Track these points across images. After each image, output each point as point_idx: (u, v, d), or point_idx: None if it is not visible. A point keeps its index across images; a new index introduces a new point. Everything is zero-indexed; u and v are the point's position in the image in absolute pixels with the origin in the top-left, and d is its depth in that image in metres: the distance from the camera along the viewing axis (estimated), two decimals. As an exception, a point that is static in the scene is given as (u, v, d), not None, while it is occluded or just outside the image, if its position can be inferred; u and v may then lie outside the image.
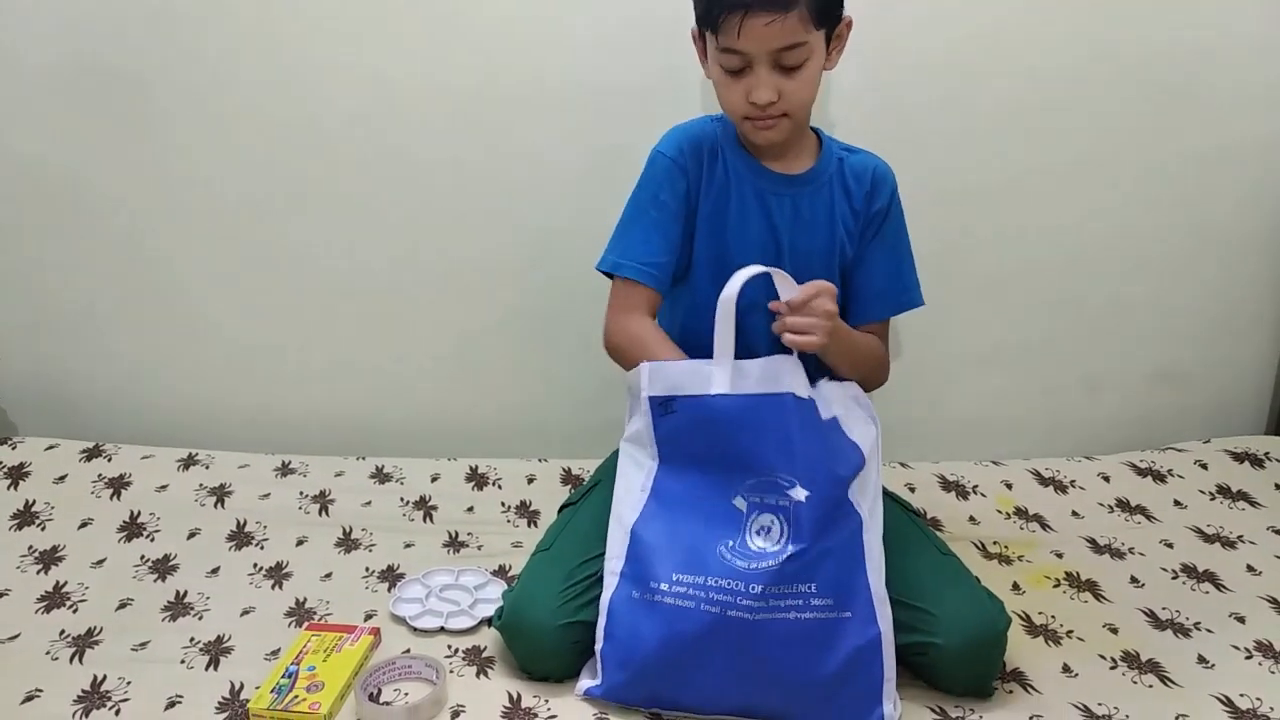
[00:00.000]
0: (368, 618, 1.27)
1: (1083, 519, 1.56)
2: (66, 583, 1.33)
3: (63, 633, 1.23)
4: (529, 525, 1.51)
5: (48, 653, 1.19)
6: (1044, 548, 1.47)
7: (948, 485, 1.64)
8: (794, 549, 1.04)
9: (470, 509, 1.55)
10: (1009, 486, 1.64)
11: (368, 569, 1.39)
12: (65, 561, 1.38)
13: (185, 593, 1.32)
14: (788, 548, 1.04)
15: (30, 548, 1.40)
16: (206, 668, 1.17)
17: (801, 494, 1.05)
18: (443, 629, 1.24)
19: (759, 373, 1.11)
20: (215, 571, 1.37)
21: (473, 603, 1.28)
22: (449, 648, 1.21)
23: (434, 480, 1.61)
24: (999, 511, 1.57)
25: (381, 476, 1.62)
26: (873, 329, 1.31)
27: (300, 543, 1.45)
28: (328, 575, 1.37)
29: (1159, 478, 1.66)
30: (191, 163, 1.64)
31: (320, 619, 1.27)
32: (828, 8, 1.14)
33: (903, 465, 1.70)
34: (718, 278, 1.27)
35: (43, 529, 1.45)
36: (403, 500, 1.56)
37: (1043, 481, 1.65)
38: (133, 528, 1.46)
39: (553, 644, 1.12)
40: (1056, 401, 1.81)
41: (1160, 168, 1.67)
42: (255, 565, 1.39)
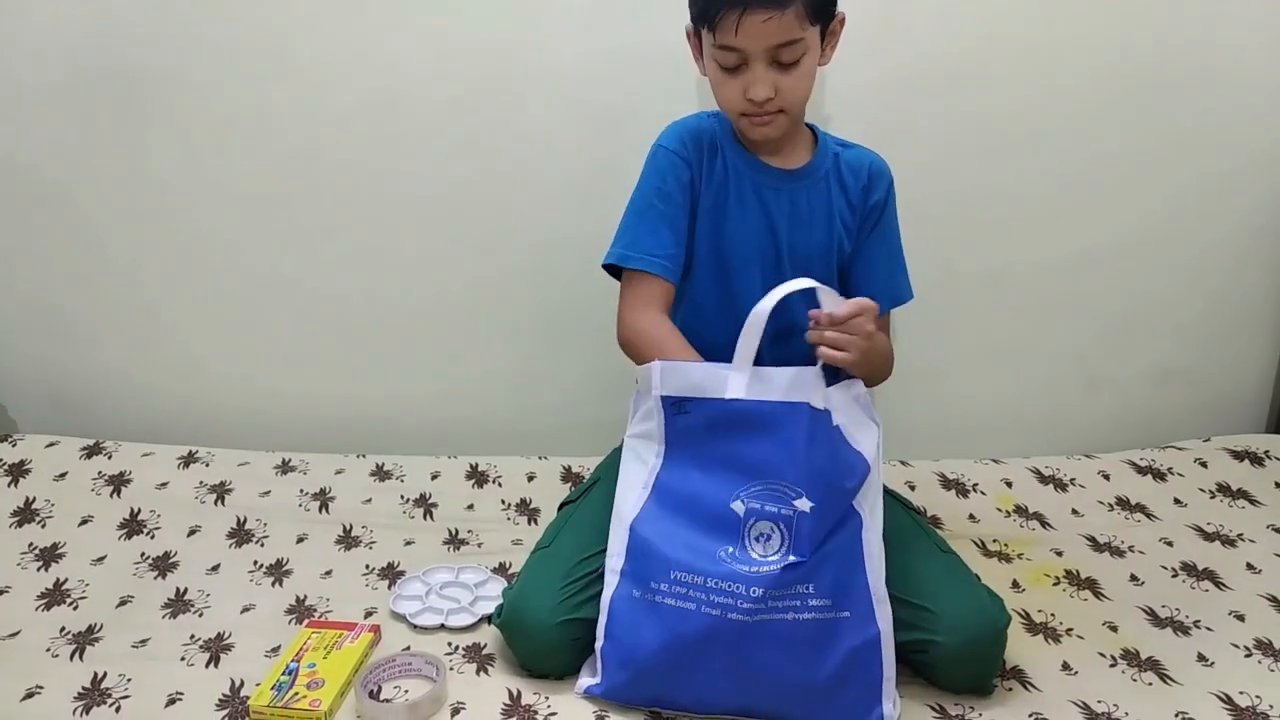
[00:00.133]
0: (368, 615, 1.27)
1: (1082, 517, 1.56)
2: (67, 580, 1.33)
3: (63, 630, 1.23)
4: (529, 523, 1.51)
5: (48, 650, 1.19)
6: (1044, 546, 1.47)
7: (948, 483, 1.64)
8: (795, 559, 1.04)
9: (470, 506, 1.55)
10: (1009, 484, 1.64)
11: (368, 566, 1.39)
12: (65, 559, 1.38)
13: (185, 590, 1.32)
14: (788, 557, 1.04)
15: (30, 545, 1.40)
16: (207, 665, 1.17)
17: (806, 505, 1.05)
18: (443, 626, 1.24)
19: (778, 381, 1.09)
20: (215, 569, 1.37)
21: (473, 600, 1.28)
22: (449, 645, 1.21)
23: (434, 478, 1.61)
24: (999, 509, 1.57)
25: (382, 474, 1.62)
26: (876, 325, 1.30)
27: (300, 540, 1.45)
28: (328, 572, 1.37)
29: (1159, 476, 1.66)
30: (192, 161, 1.63)
31: (320, 616, 1.27)
32: (823, 4, 1.14)
33: (903, 463, 1.70)
34: (716, 273, 1.27)
35: (43, 526, 1.45)
36: (403, 498, 1.56)
37: (1043, 479, 1.65)
38: (133, 525, 1.46)
39: (552, 641, 1.12)
40: (1056, 399, 1.81)
41: (1162, 165, 1.67)
42: (255, 562, 1.39)
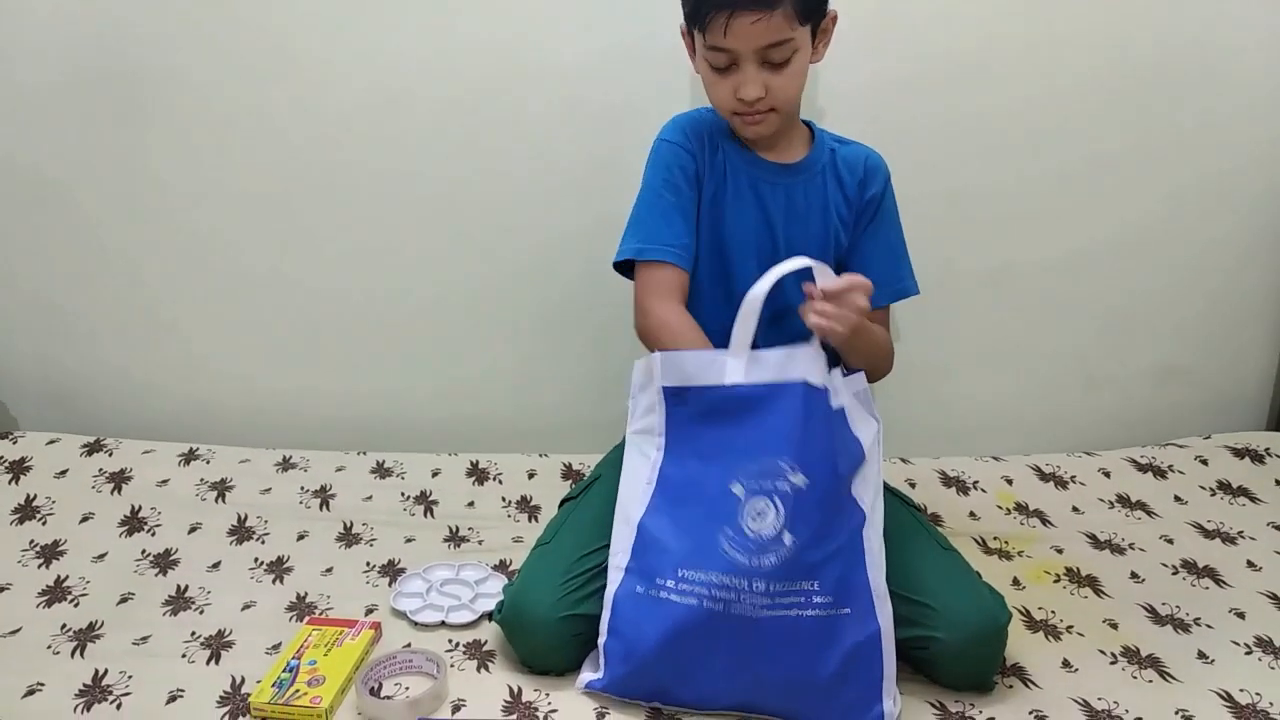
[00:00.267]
0: (369, 612, 1.28)
1: (1083, 514, 1.56)
2: (68, 577, 1.33)
3: (64, 627, 1.23)
4: (530, 520, 1.51)
5: (49, 647, 1.19)
6: (1044, 543, 1.47)
7: (948, 481, 1.64)
8: (791, 539, 1.04)
9: (471, 504, 1.55)
10: (1009, 482, 1.64)
11: (368, 564, 1.39)
12: (66, 556, 1.38)
13: (186, 587, 1.32)
14: (784, 535, 1.04)
15: (31, 542, 1.41)
16: (208, 662, 1.17)
17: (802, 480, 1.05)
18: (443, 623, 1.24)
19: (776, 361, 1.10)
20: (216, 566, 1.37)
21: (473, 597, 1.28)
22: (450, 642, 1.21)
23: (435, 475, 1.61)
24: (999, 507, 1.57)
25: (382, 471, 1.62)
26: (874, 318, 1.30)
27: (301, 537, 1.45)
28: (329, 570, 1.38)
29: (1159, 473, 1.66)
30: (193, 160, 1.63)
31: (321, 613, 1.27)
32: (812, 3, 1.14)
33: (903, 461, 1.70)
34: (714, 265, 1.27)
35: (44, 523, 1.45)
36: (403, 495, 1.56)
37: (1043, 477, 1.65)
38: (134, 522, 1.46)
39: (552, 637, 1.12)
40: (1057, 397, 1.81)
41: (1162, 164, 1.67)
42: (256, 560, 1.39)
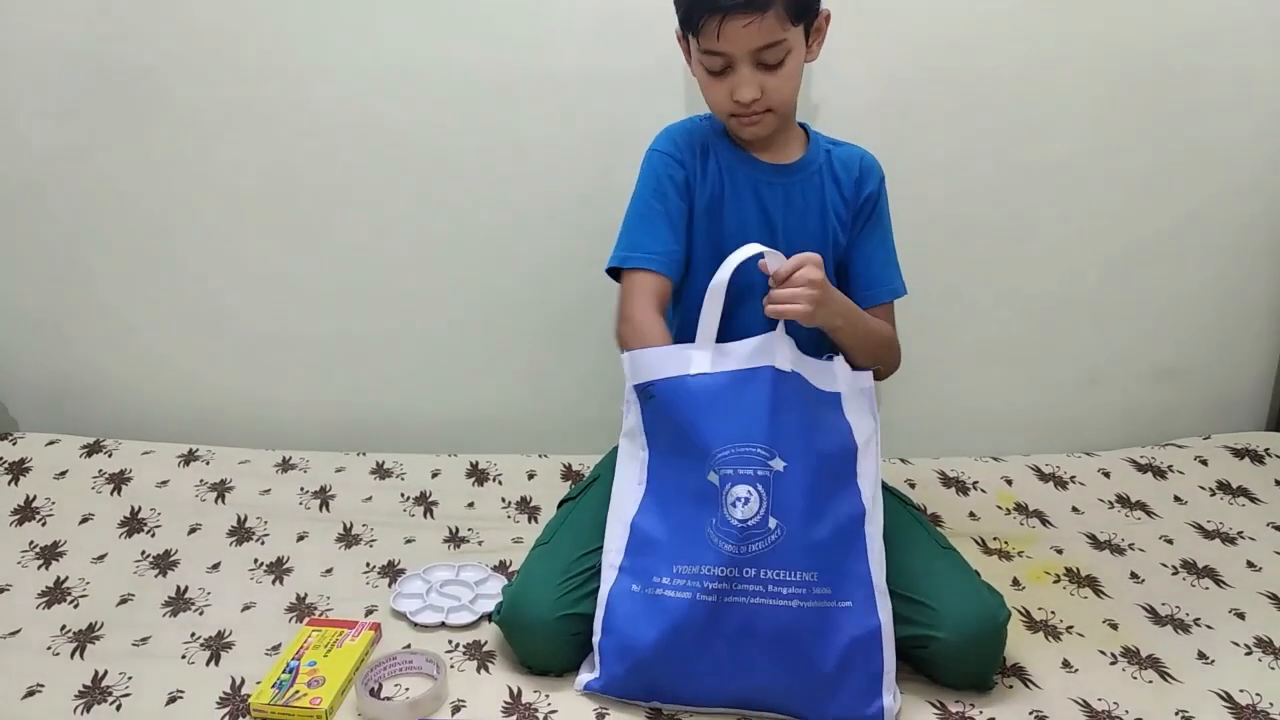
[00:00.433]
0: (368, 613, 1.27)
1: (1083, 515, 1.56)
2: (67, 578, 1.33)
3: (63, 628, 1.23)
4: (529, 521, 1.51)
5: (49, 648, 1.19)
6: (1044, 543, 1.47)
7: (948, 481, 1.64)
8: (776, 523, 1.04)
9: (471, 504, 1.55)
10: (1009, 482, 1.64)
11: (368, 564, 1.39)
12: (66, 557, 1.38)
13: (186, 588, 1.32)
14: (769, 520, 1.04)
15: (31, 543, 1.40)
16: (207, 663, 1.17)
17: (780, 465, 1.05)
18: (443, 624, 1.24)
19: (742, 351, 1.11)
20: (216, 567, 1.37)
21: (473, 598, 1.28)
22: (450, 643, 1.21)
23: (434, 476, 1.61)
24: (999, 507, 1.57)
25: (382, 472, 1.62)
26: (877, 313, 1.31)
27: (301, 538, 1.45)
28: (328, 571, 1.37)
29: (1159, 473, 1.66)
30: (195, 161, 1.63)
31: (321, 614, 1.27)
32: (804, 4, 1.15)
33: (903, 461, 1.70)
34: (715, 270, 1.27)
35: (43, 524, 1.45)
36: (403, 496, 1.56)
37: (1043, 477, 1.65)
38: (133, 523, 1.46)
39: (551, 637, 1.12)
40: (1057, 397, 1.81)
41: (1162, 163, 1.67)
42: (256, 561, 1.39)
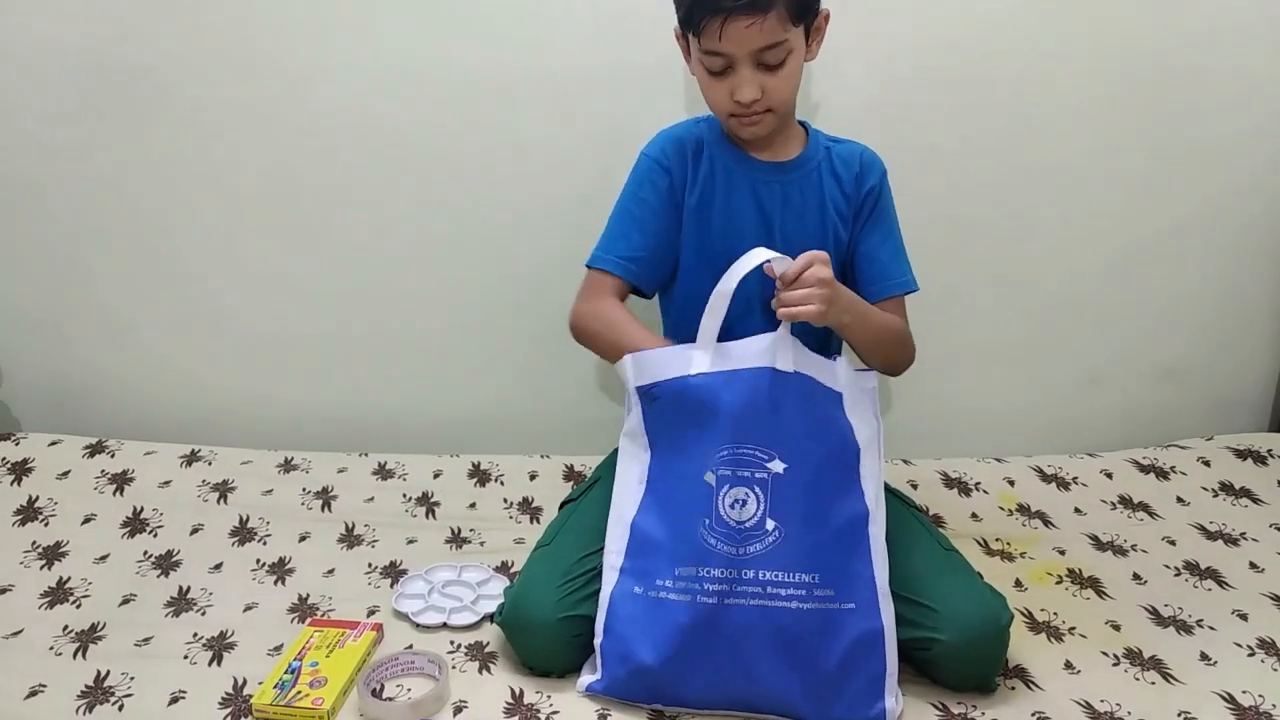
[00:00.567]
0: (370, 613, 1.28)
1: (1085, 516, 1.55)
2: (70, 578, 1.33)
3: (66, 628, 1.23)
4: (531, 521, 1.51)
5: (51, 648, 1.19)
6: (1046, 544, 1.47)
7: (950, 482, 1.64)
8: (774, 525, 1.04)
9: (473, 505, 1.55)
10: (1011, 483, 1.64)
11: (370, 565, 1.39)
12: (68, 557, 1.38)
13: (188, 588, 1.32)
14: (766, 522, 1.04)
15: (34, 543, 1.41)
16: (210, 663, 1.17)
17: (779, 466, 1.05)
18: (445, 625, 1.24)
19: (742, 351, 1.11)
20: (218, 567, 1.37)
21: (475, 599, 1.28)
22: (451, 643, 1.21)
23: (436, 476, 1.61)
24: (1001, 508, 1.57)
25: (384, 473, 1.62)
26: (887, 308, 1.30)
27: (303, 539, 1.45)
28: (330, 571, 1.38)
29: (1162, 474, 1.66)
30: (196, 161, 1.63)
31: (323, 615, 1.27)
32: (805, 4, 1.15)
33: (905, 462, 1.70)
34: (710, 268, 1.27)
35: (46, 525, 1.45)
36: (405, 496, 1.56)
37: (1045, 478, 1.65)
38: (136, 524, 1.46)
39: (553, 638, 1.12)
40: (1059, 398, 1.80)
41: (1162, 163, 1.67)
42: (258, 561, 1.39)
